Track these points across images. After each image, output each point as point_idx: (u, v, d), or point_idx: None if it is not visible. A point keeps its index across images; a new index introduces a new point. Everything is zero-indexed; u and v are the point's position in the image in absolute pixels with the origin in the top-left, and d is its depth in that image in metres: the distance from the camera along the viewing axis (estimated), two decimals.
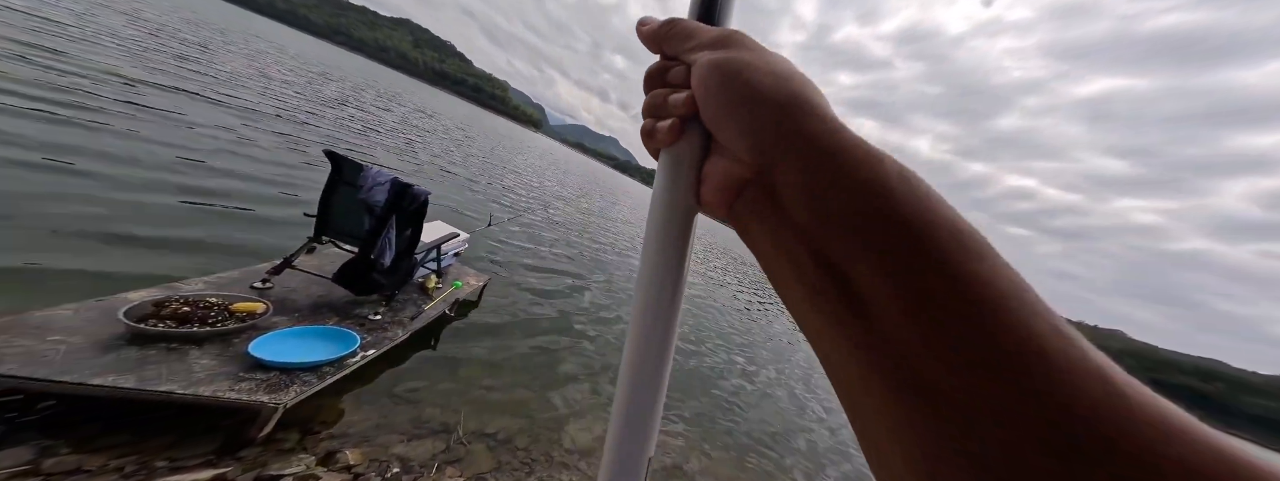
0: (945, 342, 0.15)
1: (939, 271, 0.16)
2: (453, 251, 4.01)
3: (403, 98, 25.96)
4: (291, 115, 8.65)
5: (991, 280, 0.16)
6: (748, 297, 13.43)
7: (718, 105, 0.24)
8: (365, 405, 2.48)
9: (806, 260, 0.20)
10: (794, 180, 0.20)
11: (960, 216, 0.18)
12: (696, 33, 0.27)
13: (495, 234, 6.48)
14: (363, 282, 2.58)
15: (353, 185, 2.73)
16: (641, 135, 0.29)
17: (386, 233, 2.71)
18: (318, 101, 11.70)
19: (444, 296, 3.45)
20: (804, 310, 0.20)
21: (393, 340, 2.57)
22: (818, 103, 0.22)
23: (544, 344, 4.24)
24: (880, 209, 0.18)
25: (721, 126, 0.24)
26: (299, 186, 5.24)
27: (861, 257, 0.18)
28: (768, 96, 0.22)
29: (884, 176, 0.19)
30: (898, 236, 0.17)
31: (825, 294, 0.19)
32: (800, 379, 7.24)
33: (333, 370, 2.09)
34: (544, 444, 3.06)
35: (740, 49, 0.25)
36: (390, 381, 2.75)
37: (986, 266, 0.17)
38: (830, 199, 0.19)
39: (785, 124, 0.21)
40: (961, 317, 0.15)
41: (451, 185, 8.87)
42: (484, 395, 3.16)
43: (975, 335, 0.15)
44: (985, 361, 0.15)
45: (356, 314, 2.54)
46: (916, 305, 0.16)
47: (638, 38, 0.31)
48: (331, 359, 2.09)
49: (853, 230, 0.18)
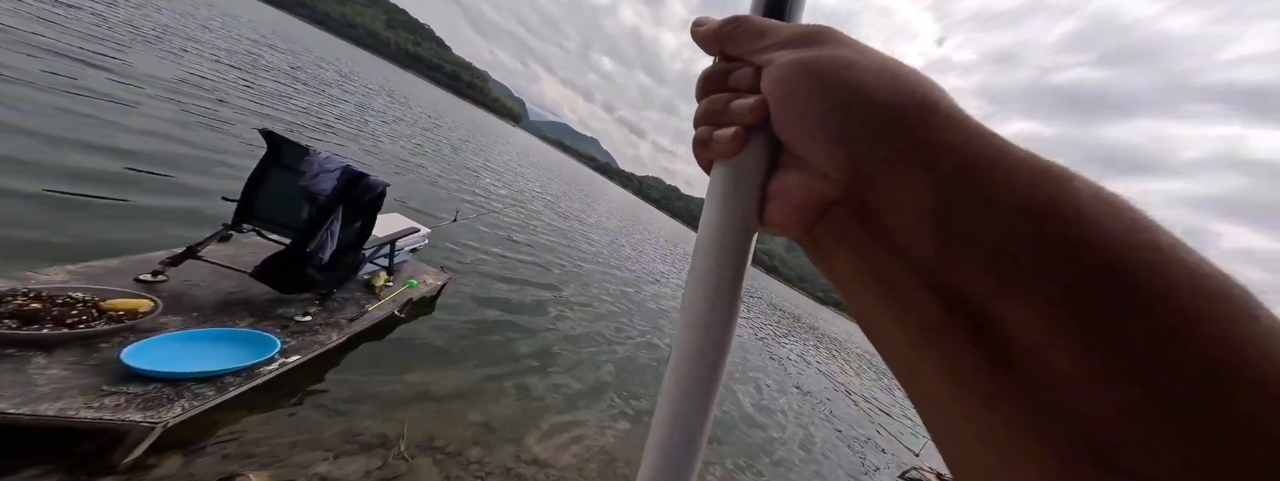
0: (1171, 427, 0.12)
1: (1166, 328, 0.13)
2: (409, 247, 3.67)
3: (367, 77, 24.09)
4: (218, 87, 7.21)
5: (1258, 352, 0.12)
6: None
7: (800, 110, 0.21)
8: (284, 420, 2.14)
9: (920, 295, 0.17)
10: (909, 200, 0.18)
11: (1201, 257, 0.13)
12: (771, 30, 0.24)
13: (461, 231, 6.11)
14: (293, 279, 2.24)
15: (293, 170, 2.45)
16: (694, 146, 0.26)
17: (329, 224, 2.39)
18: (257, 71, 10.19)
19: (394, 296, 3.11)
20: (903, 351, 0.18)
21: (324, 344, 2.24)
22: (948, 105, 0.19)
23: (506, 350, 3.94)
24: (1067, 237, 0.15)
25: (802, 135, 0.21)
26: (189, 169, 4.13)
27: (1021, 297, 0.15)
28: (877, 98, 0.19)
29: (1072, 197, 0.15)
30: (1096, 275, 0.14)
31: (944, 335, 0.16)
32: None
33: (238, 381, 1.76)
34: (501, 456, 2.81)
35: (835, 45, 0.22)
36: (319, 391, 2.41)
37: (1249, 330, 0.12)
38: (973, 223, 0.16)
39: (901, 131, 0.18)
40: (1200, 394, 0.12)
41: (415, 177, 8.19)
42: (434, 405, 2.86)
43: (1227, 426, 0.11)
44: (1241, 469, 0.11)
45: (279, 314, 2.19)
46: (1120, 368, 0.13)
47: (693, 39, 0.27)
48: (237, 367, 1.75)
49: (1010, 263, 0.15)
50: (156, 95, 5.52)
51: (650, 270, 13.30)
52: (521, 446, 2.98)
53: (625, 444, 3.55)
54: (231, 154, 4.81)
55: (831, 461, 5.84)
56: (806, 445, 5.89)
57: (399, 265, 3.59)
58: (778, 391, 7.76)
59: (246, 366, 1.80)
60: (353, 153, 7.43)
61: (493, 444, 2.87)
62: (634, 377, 4.77)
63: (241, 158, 4.73)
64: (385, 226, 3.33)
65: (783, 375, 9.66)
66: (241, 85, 8.11)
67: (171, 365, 1.58)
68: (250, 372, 1.83)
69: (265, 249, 2.36)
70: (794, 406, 7.34)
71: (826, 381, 11.14)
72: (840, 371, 14.64)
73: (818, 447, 6.00)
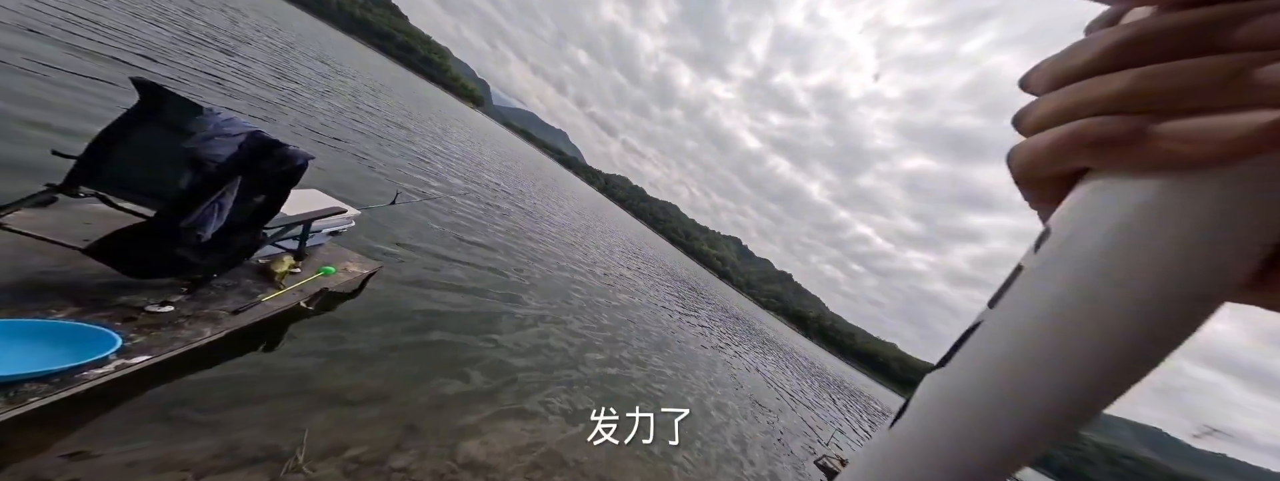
0: None
1: None
2: (328, 230, 3.21)
3: (296, 38, 20.96)
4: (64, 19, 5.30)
5: None
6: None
7: None
8: (127, 433, 1.72)
9: None
10: None
11: None
12: None
13: (399, 216, 5.57)
14: (153, 260, 1.80)
15: (176, 129, 2.03)
16: (1100, 142, 0.15)
17: (219, 197, 1.98)
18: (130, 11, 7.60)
19: (301, 284, 2.68)
20: None
21: (190, 341, 1.82)
22: None
23: (440, 349, 3.56)
24: None
25: None
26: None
27: None
28: None
29: None
30: None
31: None
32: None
33: (45, 389, 1.34)
34: (432, 461, 2.51)
35: None
36: (184, 400, 1.98)
37: None
38: None
39: None
40: None
41: (349, 152, 7.10)
42: (345, 410, 2.48)
43: None
44: None
45: (122, 304, 1.75)
46: None
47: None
48: (42, 371, 1.34)
49: None
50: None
51: (618, 275, 13.08)
52: (457, 449, 2.69)
53: (575, 445, 3.34)
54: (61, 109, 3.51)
55: (755, 448, 5.97)
56: (732, 430, 6.00)
57: (312, 249, 3.13)
58: (724, 386, 7.84)
59: (60, 370, 1.38)
60: (282, 128, 6.55)
61: (421, 449, 2.56)
62: (584, 383, 4.54)
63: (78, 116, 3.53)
64: (300, 205, 2.88)
65: (728, 372, 9.81)
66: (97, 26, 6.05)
67: None
68: (67, 378, 1.41)
69: (109, 221, 1.89)
70: (730, 397, 7.46)
71: (758, 376, 11.49)
72: (772, 367, 15.24)
73: (746, 436, 6.13)
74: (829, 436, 9.25)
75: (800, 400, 11.79)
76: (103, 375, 1.50)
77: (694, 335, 11.43)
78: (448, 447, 2.67)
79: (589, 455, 3.37)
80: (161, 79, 5.71)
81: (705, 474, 4.34)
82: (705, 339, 12.12)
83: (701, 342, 11.16)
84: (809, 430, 8.93)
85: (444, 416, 2.89)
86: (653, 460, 3.87)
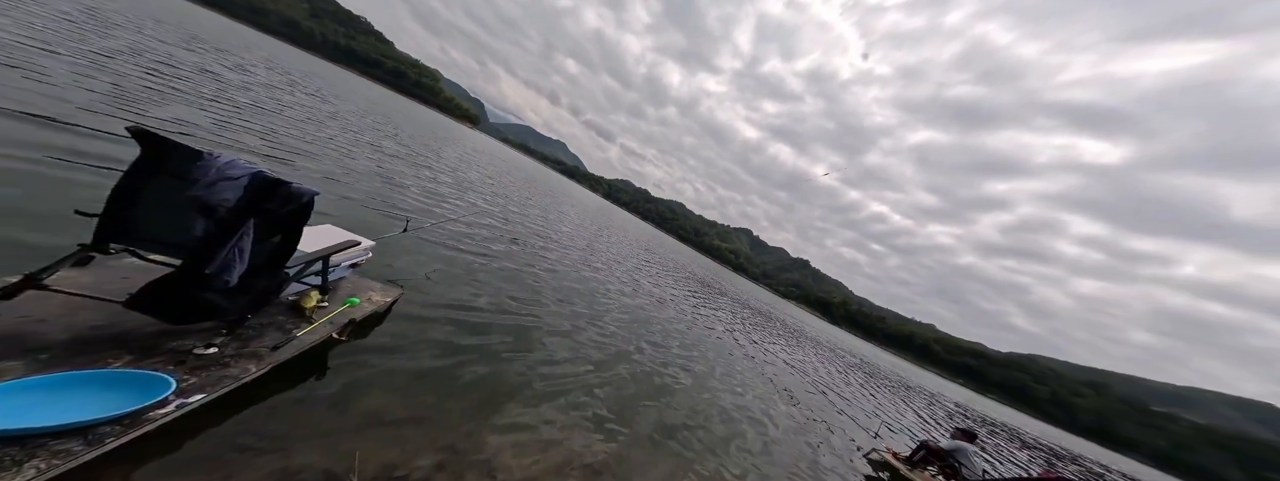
0: None
1: None
2: (348, 263, 3.36)
3: (285, 66, 21.34)
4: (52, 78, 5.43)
5: None
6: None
7: None
8: (196, 467, 1.85)
9: None
10: None
11: None
12: None
13: (414, 243, 5.74)
14: (187, 307, 1.93)
15: (180, 178, 2.10)
16: None
17: (236, 241, 2.09)
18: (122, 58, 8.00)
19: (330, 317, 2.81)
20: None
21: (239, 378, 1.95)
22: None
23: (470, 369, 3.65)
24: None
25: None
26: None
27: None
28: None
29: None
30: None
31: None
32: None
33: (119, 430, 1.47)
34: (474, 476, 2.59)
35: None
36: (242, 430, 2.11)
37: None
38: None
39: None
40: None
41: (356, 184, 7.38)
42: (388, 432, 2.59)
43: None
44: None
45: (171, 349, 1.88)
46: None
47: None
48: (114, 415, 1.46)
49: None
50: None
51: (626, 275, 13.12)
52: (496, 467, 2.76)
53: (617, 460, 3.31)
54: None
55: (797, 445, 5.91)
56: (773, 430, 5.92)
57: (335, 283, 3.27)
58: (751, 379, 7.77)
59: (127, 413, 1.51)
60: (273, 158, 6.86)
61: (462, 468, 2.64)
62: (617, 393, 4.57)
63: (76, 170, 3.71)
64: (317, 241, 3.02)
65: (749, 365, 9.71)
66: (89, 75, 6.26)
67: (12, 420, 1.29)
68: (136, 419, 1.54)
69: (143, 273, 2.02)
70: (763, 393, 7.37)
71: (793, 371, 11.31)
72: (804, 360, 14.94)
73: (782, 431, 6.03)
74: (876, 429, 8.82)
75: (840, 393, 11.44)
76: (166, 414, 1.62)
77: (723, 332, 11.38)
78: (488, 465, 2.72)
79: (631, 465, 3.35)
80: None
81: (749, 475, 4.33)
82: (733, 335, 12.07)
83: (730, 339, 11.12)
84: (854, 424, 8.61)
85: (482, 434, 2.93)
86: (700, 467, 3.86)
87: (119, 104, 5.85)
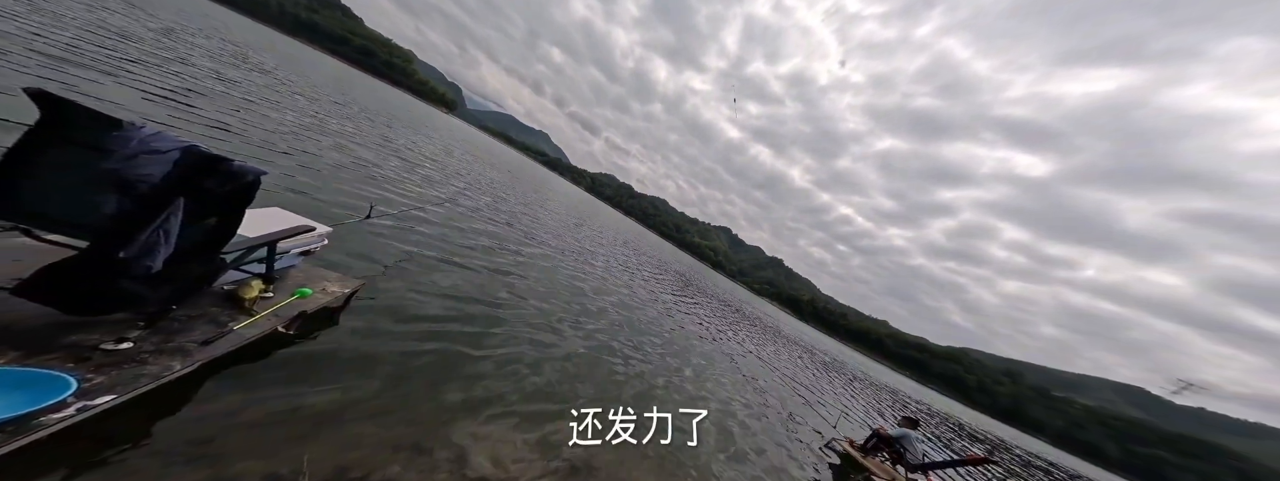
0: None
1: None
2: (298, 250, 3.09)
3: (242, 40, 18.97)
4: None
5: None
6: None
7: None
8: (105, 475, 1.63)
9: None
10: None
11: None
12: None
13: (377, 230, 5.42)
14: (97, 295, 1.69)
15: (93, 148, 1.84)
16: None
17: (161, 222, 1.85)
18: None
19: (276, 309, 2.57)
20: None
21: (160, 376, 1.72)
22: None
23: (438, 361, 3.48)
24: None
25: None
26: None
27: None
28: None
29: None
30: None
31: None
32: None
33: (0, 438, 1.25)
34: (442, 473, 2.46)
35: None
36: (165, 434, 1.89)
37: None
38: None
39: None
40: None
41: (313, 165, 6.77)
42: (344, 431, 2.41)
43: None
44: None
45: (72, 343, 1.64)
46: None
47: None
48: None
49: None
50: None
51: (615, 273, 12.99)
52: (467, 463, 2.63)
53: (589, 448, 3.23)
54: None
55: (764, 433, 6.02)
56: (743, 419, 6.02)
57: (284, 272, 3.01)
58: (720, 371, 7.85)
59: (12, 417, 1.29)
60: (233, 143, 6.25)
61: (429, 464, 2.50)
62: (589, 387, 4.46)
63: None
64: (262, 225, 2.75)
65: (724, 359, 9.86)
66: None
67: None
68: (23, 424, 1.32)
69: (40, 256, 1.76)
70: (731, 383, 7.48)
71: (760, 364, 11.56)
72: (773, 354, 15.35)
73: (753, 421, 6.14)
74: (836, 419, 9.15)
75: (803, 384, 11.79)
76: (64, 419, 1.40)
77: (695, 328, 11.46)
78: (457, 461, 2.60)
79: (604, 457, 3.27)
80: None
81: (721, 467, 4.36)
82: (706, 330, 12.19)
83: (704, 335, 11.21)
84: (815, 415, 8.83)
85: (450, 429, 2.81)
86: (671, 459, 3.80)
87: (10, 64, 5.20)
